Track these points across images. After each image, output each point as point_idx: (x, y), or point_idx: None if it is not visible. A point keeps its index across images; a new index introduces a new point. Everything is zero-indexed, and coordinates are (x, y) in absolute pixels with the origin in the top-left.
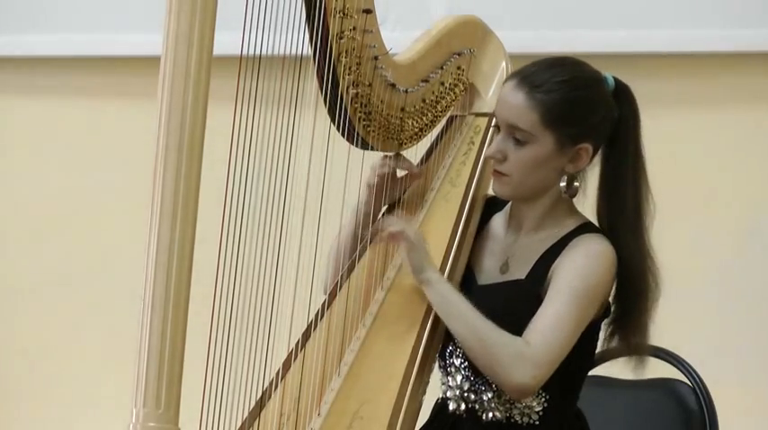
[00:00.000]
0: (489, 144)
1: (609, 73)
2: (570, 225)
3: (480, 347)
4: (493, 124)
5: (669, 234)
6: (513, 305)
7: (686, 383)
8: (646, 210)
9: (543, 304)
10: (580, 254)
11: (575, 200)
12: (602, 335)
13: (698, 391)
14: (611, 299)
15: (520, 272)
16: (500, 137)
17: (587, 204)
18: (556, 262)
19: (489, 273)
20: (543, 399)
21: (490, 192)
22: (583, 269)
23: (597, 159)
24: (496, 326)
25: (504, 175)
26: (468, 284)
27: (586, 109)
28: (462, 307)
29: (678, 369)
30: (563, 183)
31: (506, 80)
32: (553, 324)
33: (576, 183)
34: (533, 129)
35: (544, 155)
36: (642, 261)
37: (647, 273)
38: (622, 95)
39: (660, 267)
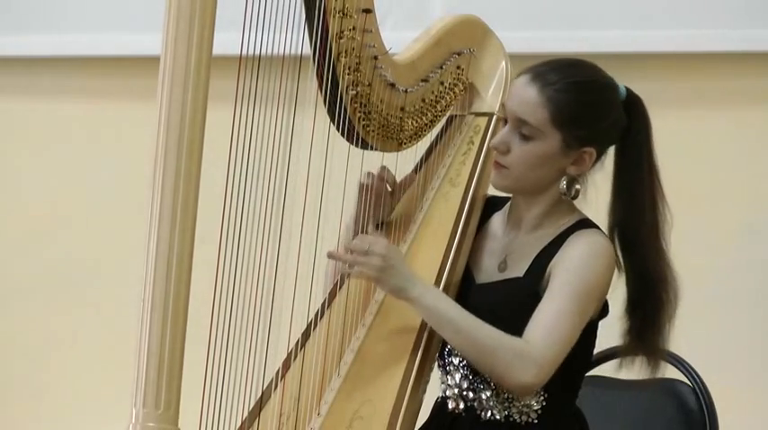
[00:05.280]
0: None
1: (623, 84)
2: (567, 222)
3: (477, 352)
4: (495, 117)
5: (669, 233)
6: (511, 303)
7: (686, 383)
8: (663, 221)
9: (542, 301)
10: (578, 250)
11: (576, 203)
12: (615, 341)
13: (698, 391)
14: (608, 297)
15: (518, 269)
16: (506, 129)
17: (588, 208)
18: (554, 258)
19: (488, 271)
20: (542, 398)
21: (490, 192)
22: (582, 265)
23: (599, 165)
24: (492, 328)
25: (504, 167)
26: (466, 284)
27: (598, 113)
28: (453, 313)
29: (678, 369)
30: (563, 185)
31: (520, 74)
32: (553, 321)
33: (578, 186)
34: (542, 125)
35: (548, 153)
36: (662, 272)
37: (667, 285)
38: (634, 107)
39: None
